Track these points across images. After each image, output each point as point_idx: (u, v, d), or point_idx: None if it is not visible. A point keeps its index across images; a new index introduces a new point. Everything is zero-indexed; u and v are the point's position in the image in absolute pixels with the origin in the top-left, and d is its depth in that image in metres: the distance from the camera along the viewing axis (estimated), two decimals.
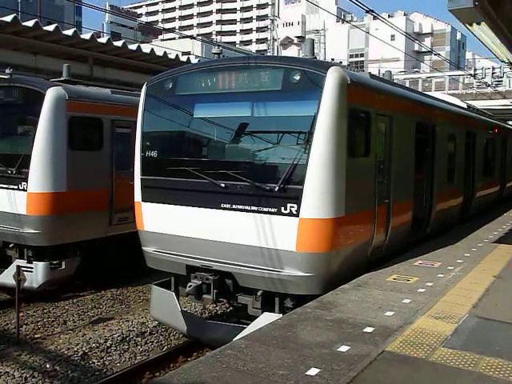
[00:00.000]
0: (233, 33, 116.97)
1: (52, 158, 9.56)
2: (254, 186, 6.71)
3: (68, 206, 9.73)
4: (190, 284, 7.23)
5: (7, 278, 9.74)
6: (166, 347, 8.45)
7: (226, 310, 9.73)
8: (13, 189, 9.74)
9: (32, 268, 9.81)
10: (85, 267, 10.71)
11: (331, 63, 7.61)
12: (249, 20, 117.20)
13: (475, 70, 37.21)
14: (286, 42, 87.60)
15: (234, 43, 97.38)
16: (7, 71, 10.89)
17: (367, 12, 10.83)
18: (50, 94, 9.63)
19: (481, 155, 14.38)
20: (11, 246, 10.22)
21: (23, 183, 9.54)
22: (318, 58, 9.69)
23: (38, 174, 9.49)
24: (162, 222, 7.65)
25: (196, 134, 8.02)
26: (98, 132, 10.57)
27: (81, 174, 9.90)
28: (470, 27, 7.52)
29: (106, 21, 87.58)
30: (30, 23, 13.02)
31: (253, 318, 7.04)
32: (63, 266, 10.16)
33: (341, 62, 12.80)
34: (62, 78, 11.10)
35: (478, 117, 15.13)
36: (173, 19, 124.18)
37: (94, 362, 7.68)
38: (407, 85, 28.54)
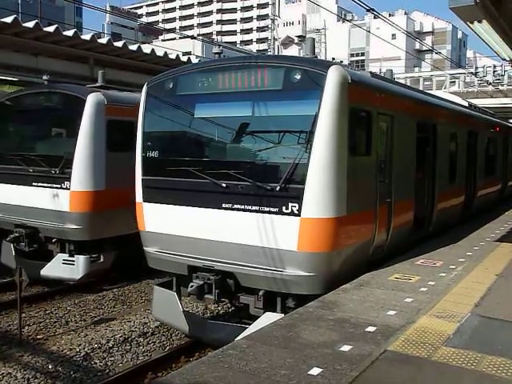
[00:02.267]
0: (233, 33, 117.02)
1: (93, 159, 10.19)
2: (255, 185, 6.70)
3: (106, 203, 10.32)
4: (191, 284, 7.22)
5: (50, 270, 10.66)
6: (168, 347, 8.45)
7: (227, 310, 9.72)
8: (56, 188, 10.35)
9: (74, 261, 10.50)
10: (120, 261, 11.22)
11: (332, 62, 7.60)
12: (249, 20, 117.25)
13: (476, 68, 37.17)
14: (287, 42, 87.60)
15: (234, 43, 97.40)
16: (44, 77, 11.59)
17: (368, 11, 10.84)
18: (91, 100, 10.23)
19: (482, 154, 14.36)
20: (54, 240, 10.79)
21: (66, 182, 10.17)
22: (318, 57, 9.66)
23: (80, 174, 10.12)
24: (163, 222, 7.65)
25: (197, 134, 8.02)
26: (132, 134, 10.97)
27: (117, 173, 10.37)
28: (471, 25, 7.52)
29: (107, 21, 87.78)
30: (31, 24, 13.02)
31: (254, 318, 7.03)
32: (101, 260, 10.78)
33: (341, 61, 12.80)
34: (98, 84, 11.77)
35: (479, 115, 15.10)
36: (173, 19, 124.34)
37: (96, 363, 7.68)
38: (408, 83, 28.51)
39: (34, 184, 10.62)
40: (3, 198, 11.24)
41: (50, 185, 10.41)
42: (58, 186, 10.28)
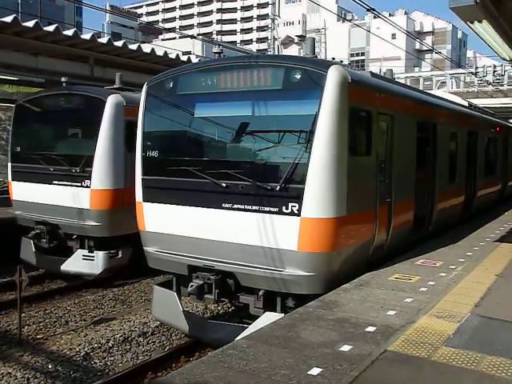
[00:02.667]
0: (233, 32, 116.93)
1: (112, 158, 10.57)
2: (256, 185, 6.70)
3: (125, 201, 10.41)
4: (191, 284, 7.22)
5: (70, 266, 11.09)
6: (167, 347, 8.45)
7: (227, 310, 9.72)
8: (76, 186, 10.71)
9: (93, 257, 10.93)
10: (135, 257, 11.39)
11: (332, 62, 7.59)
12: (249, 19, 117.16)
13: (476, 68, 37.15)
14: (287, 42, 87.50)
15: (234, 43, 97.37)
16: (63, 79, 11.93)
17: (368, 11, 10.83)
18: (111, 101, 10.60)
19: (482, 154, 14.36)
20: (74, 237, 11.14)
21: (86, 181, 10.54)
22: (318, 57, 9.66)
23: (101, 173, 10.50)
24: (163, 222, 7.65)
25: (197, 134, 8.01)
26: None
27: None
28: (471, 25, 7.51)
29: (107, 21, 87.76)
30: (31, 24, 13.00)
31: (254, 318, 7.03)
32: (120, 255, 11.19)
33: (341, 61, 12.79)
34: (115, 86, 12.10)
35: (479, 115, 15.09)
36: (173, 19, 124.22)
37: (96, 363, 7.68)
38: (408, 83, 28.49)
39: (54, 182, 10.99)
40: (25, 196, 11.61)
41: (70, 183, 10.79)
42: (79, 184, 10.64)
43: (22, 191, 11.68)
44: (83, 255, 10.97)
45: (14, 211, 11.99)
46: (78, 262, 11.00)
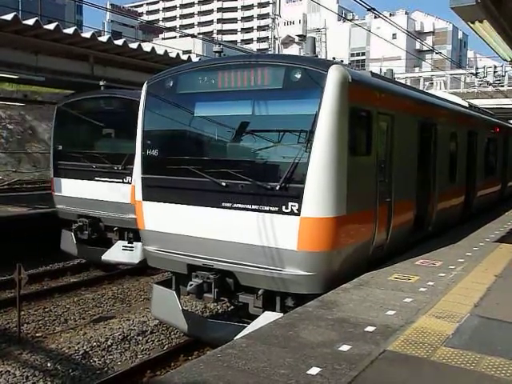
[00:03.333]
0: (234, 31, 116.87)
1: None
2: (255, 184, 6.70)
3: None
4: (190, 283, 7.22)
5: (111, 255, 11.88)
6: (166, 346, 8.45)
7: (226, 309, 9.72)
8: (118, 182, 11.49)
9: (133, 247, 11.69)
10: None
11: (332, 62, 7.59)
12: (250, 19, 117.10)
13: (477, 68, 37.16)
14: (287, 41, 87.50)
15: (235, 42, 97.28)
16: (101, 83, 12.74)
17: (368, 10, 10.79)
18: None
19: (482, 154, 14.36)
20: (115, 229, 11.95)
21: (127, 177, 11.24)
22: (319, 56, 9.66)
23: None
24: (162, 220, 7.64)
25: (197, 133, 8.00)
26: None
27: None
28: (472, 25, 7.50)
29: (107, 19, 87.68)
30: (31, 22, 12.96)
31: (254, 317, 7.03)
32: None
33: (342, 61, 12.78)
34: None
35: (479, 116, 15.09)
36: (174, 18, 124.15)
37: (95, 361, 7.68)
38: (409, 83, 28.49)
39: (97, 179, 11.81)
40: (68, 192, 12.52)
41: (112, 180, 11.60)
42: (120, 180, 11.43)
43: (65, 187, 12.53)
44: (123, 246, 11.76)
45: (56, 205, 12.83)
46: (118, 252, 11.78)
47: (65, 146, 12.80)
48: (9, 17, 12.52)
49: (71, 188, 12.39)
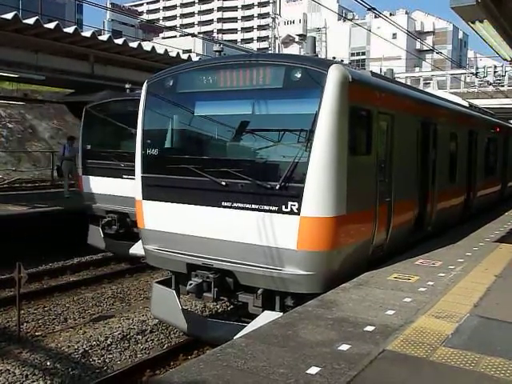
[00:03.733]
0: (234, 31, 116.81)
1: None
2: (255, 184, 6.70)
3: None
4: (190, 282, 7.22)
5: (138, 249, 11.66)
6: (166, 345, 8.45)
7: (226, 309, 9.73)
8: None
9: None
10: None
11: (332, 61, 7.58)
12: (250, 18, 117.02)
13: (477, 68, 37.15)
14: (288, 41, 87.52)
15: (235, 41, 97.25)
16: (127, 86, 13.15)
17: (369, 10, 10.80)
18: None
19: (482, 154, 14.36)
20: None
21: None
22: (319, 56, 9.65)
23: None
24: (162, 220, 7.64)
25: (197, 132, 8.00)
26: None
27: None
28: (472, 25, 7.50)
29: (107, 19, 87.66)
30: (31, 21, 12.97)
31: (253, 317, 7.03)
32: None
33: (342, 60, 12.78)
34: None
35: (479, 116, 15.09)
36: (174, 17, 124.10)
37: (94, 360, 7.68)
38: (409, 83, 28.48)
39: (125, 177, 12.11)
40: (96, 189, 12.99)
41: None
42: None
43: (94, 185, 13.00)
44: None
45: (85, 202, 13.29)
46: None
47: (93, 146, 13.28)
48: (9, 16, 12.53)
49: (100, 185, 12.85)
